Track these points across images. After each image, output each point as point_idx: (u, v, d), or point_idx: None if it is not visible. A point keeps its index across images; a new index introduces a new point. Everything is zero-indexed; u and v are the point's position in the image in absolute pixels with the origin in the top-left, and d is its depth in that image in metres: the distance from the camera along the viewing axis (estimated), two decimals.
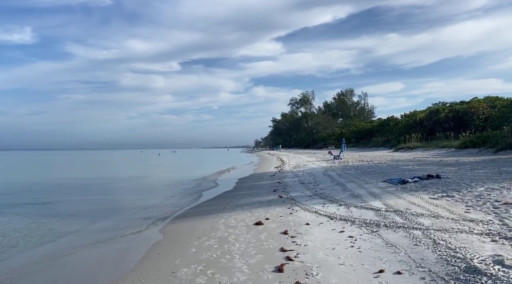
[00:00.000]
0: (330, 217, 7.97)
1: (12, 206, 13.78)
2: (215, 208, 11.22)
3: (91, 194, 17.61)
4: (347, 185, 12.62)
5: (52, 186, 21.70)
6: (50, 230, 9.52)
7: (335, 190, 11.93)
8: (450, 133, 37.46)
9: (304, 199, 10.86)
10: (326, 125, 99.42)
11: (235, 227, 7.95)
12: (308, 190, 12.80)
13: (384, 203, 8.75)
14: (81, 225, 10.15)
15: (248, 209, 10.20)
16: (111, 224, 10.07)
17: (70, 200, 15.43)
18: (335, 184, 13.38)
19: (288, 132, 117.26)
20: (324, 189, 12.67)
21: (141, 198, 15.08)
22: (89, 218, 11.11)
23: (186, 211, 11.54)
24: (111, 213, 11.92)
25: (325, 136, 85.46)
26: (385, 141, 50.23)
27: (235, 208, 10.60)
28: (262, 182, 17.47)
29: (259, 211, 9.71)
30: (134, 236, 8.57)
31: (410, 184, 11.19)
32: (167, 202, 13.97)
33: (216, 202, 12.70)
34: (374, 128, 64.23)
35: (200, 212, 10.88)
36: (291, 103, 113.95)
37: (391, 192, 10.27)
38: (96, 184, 22.64)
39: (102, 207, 13.20)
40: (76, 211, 12.45)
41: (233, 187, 16.86)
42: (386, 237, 6.01)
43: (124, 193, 17.63)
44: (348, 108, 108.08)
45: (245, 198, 12.47)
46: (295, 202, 10.49)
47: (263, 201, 11.42)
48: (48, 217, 11.34)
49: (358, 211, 8.34)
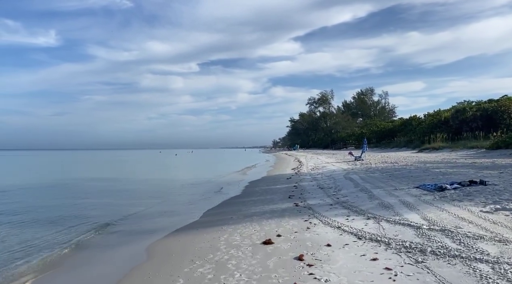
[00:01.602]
0: (358, 236, 6.36)
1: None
2: (220, 218, 9.72)
3: (89, 196, 16.33)
4: (373, 192, 10.94)
5: (54, 187, 20.62)
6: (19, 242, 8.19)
7: (360, 198, 10.27)
8: (478, 133, 35.16)
9: (324, 209, 9.25)
10: (346, 125, 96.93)
11: (238, 247, 6.42)
12: (328, 197, 11.18)
13: (424, 217, 7.07)
14: (47, 239, 8.69)
15: (258, 220, 8.66)
16: (91, 238, 8.71)
17: (56, 204, 14.14)
18: (359, 190, 11.71)
19: (306, 132, 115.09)
20: (347, 196, 11.03)
21: (140, 204, 13.72)
22: (67, 227, 9.75)
23: (188, 221, 10.07)
24: (93, 221, 10.56)
25: (344, 136, 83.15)
26: (408, 141, 48.20)
27: (243, 218, 9.08)
28: (277, 186, 15.89)
29: (270, 223, 8.17)
30: (112, 255, 7.18)
31: (449, 192, 9.45)
32: (167, 209, 12.57)
33: (224, 209, 11.20)
34: (395, 128, 61.76)
35: (202, 223, 9.38)
36: (310, 103, 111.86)
37: (429, 202, 8.57)
38: (99, 186, 21.46)
39: (88, 213, 11.89)
40: (56, 217, 11.20)
41: (245, 192, 15.34)
42: (439, 273, 4.37)
43: (122, 197, 16.30)
44: (368, 107, 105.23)
45: (256, 206, 10.93)
46: (313, 213, 8.90)
47: (276, 210, 9.86)
48: (25, 225, 10.07)
49: (392, 227, 6.70)
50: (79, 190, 19.38)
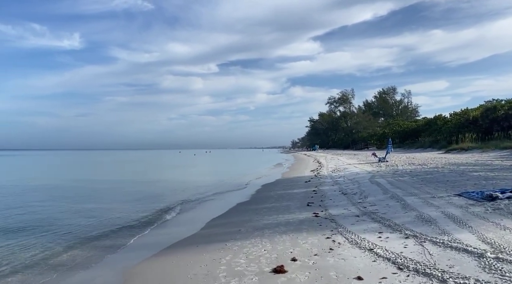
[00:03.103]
0: (397, 265, 4.84)
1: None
2: (226, 230, 8.31)
3: (84, 201, 15.14)
4: (407, 200, 9.34)
5: (57, 189, 19.63)
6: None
7: (392, 208, 8.69)
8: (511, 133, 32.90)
9: (349, 222, 7.73)
10: (367, 124, 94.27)
11: (241, 276, 4.99)
12: (353, 205, 9.63)
13: (483, 239, 5.49)
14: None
15: (270, 235, 7.21)
16: (62, 254, 7.40)
17: (46, 205, 13.00)
18: (389, 198, 10.12)
19: (326, 132, 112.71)
20: (375, 204, 9.46)
21: (134, 210, 12.43)
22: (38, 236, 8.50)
23: (187, 233, 8.66)
24: (76, 234, 9.28)
25: (365, 136, 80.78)
26: (433, 142, 46.03)
27: (253, 232, 7.64)
28: (295, 190, 14.38)
29: (284, 240, 6.70)
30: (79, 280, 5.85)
31: (503, 202, 7.79)
32: (165, 217, 11.27)
33: (231, 219, 9.76)
34: (419, 128, 59.29)
35: (204, 236, 7.97)
36: (329, 102, 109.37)
37: (481, 215, 6.95)
38: (105, 188, 20.35)
39: (77, 222, 10.63)
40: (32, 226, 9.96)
41: (258, 197, 13.87)
42: None
43: (120, 201, 15.04)
44: (390, 107, 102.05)
45: (270, 215, 9.47)
46: (336, 226, 7.39)
47: (292, 221, 8.39)
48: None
49: (442, 252, 5.14)
50: (74, 193, 18.30)
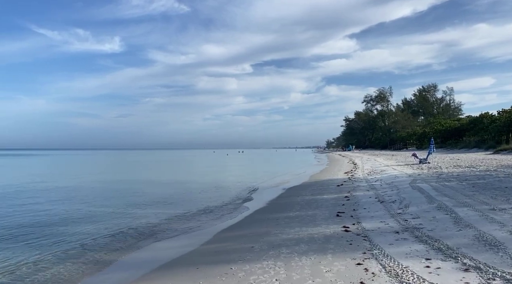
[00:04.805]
0: None
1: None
2: (236, 245, 6.99)
3: (96, 203, 14.25)
4: (458, 212, 7.68)
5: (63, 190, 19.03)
6: None
7: (441, 222, 7.07)
8: None
9: (387, 240, 6.21)
10: (406, 123, 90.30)
11: None
12: (392, 217, 8.06)
13: None
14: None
15: (287, 256, 5.82)
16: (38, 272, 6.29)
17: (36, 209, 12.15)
18: (435, 208, 8.46)
19: (362, 131, 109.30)
20: (419, 216, 7.86)
21: (134, 216, 11.35)
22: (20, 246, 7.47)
23: (189, 248, 7.40)
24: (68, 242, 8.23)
25: (404, 136, 77.25)
26: (480, 141, 42.89)
27: (267, 250, 6.27)
28: (324, 195, 12.85)
29: (302, 265, 5.30)
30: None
31: None
32: (166, 224, 10.08)
33: (245, 231, 8.41)
34: (463, 127, 55.69)
35: (207, 254, 6.65)
36: (366, 101, 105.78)
37: None
38: (126, 189, 19.56)
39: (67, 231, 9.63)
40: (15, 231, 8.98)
41: (281, 202, 12.42)
42: None
43: (139, 205, 14.03)
44: (430, 105, 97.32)
45: (291, 227, 8.06)
46: (371, 247, 5.91)
47: (317, 237, 6.95)
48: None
49: None
50: (92, 194, 17.56)
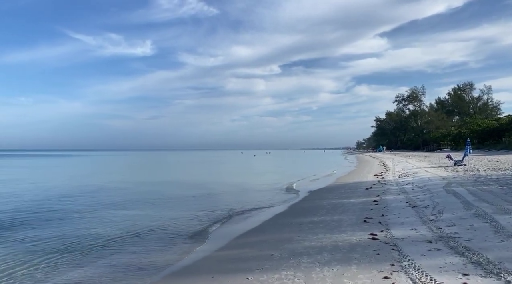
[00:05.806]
0: None
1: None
2: (254, 252, 6.62)
3: (118, 204, 14.18)
4: (499, 220, 7.01)
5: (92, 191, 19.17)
6: None
7: (479, 232, 6.44)
8: None
9: (418, 250, 5.67)
10: (439, 124, 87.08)
11: None
12: (424, 225, 7.46)
13: None
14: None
15: (308, 266, 5.39)
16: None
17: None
18: (473, 215, 7.80)
19: (393, 132, 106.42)
20: (454, 224, 7.23)
21: (149, 218, 11.14)
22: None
23: (204, 253, 7.08)
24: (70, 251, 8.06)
25: (438, 137, 74.65)
26: None
27: (288, 259, 5.86)
28: (352, 199, 12.28)
29: (324, 277, 4.87)
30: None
31: None
32: (183, 227, 9.82)
33: (265, 236, 8.01)
34: (502, 127, 53.18)
35: (222, 261, 6.31)
36: (398, 100, 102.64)
37: None
38: (152, 191, 19.55)
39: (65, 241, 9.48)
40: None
41: (306, 206, 11.94)
42: None
43: (159, 207, 13.87)
44: (466, 104, 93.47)
45: (315, 233, 7.60)
46: (400, 258, 5.39)
47: (341, 245, 6.48)
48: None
49: None
50: (115, 196, 17.60)
